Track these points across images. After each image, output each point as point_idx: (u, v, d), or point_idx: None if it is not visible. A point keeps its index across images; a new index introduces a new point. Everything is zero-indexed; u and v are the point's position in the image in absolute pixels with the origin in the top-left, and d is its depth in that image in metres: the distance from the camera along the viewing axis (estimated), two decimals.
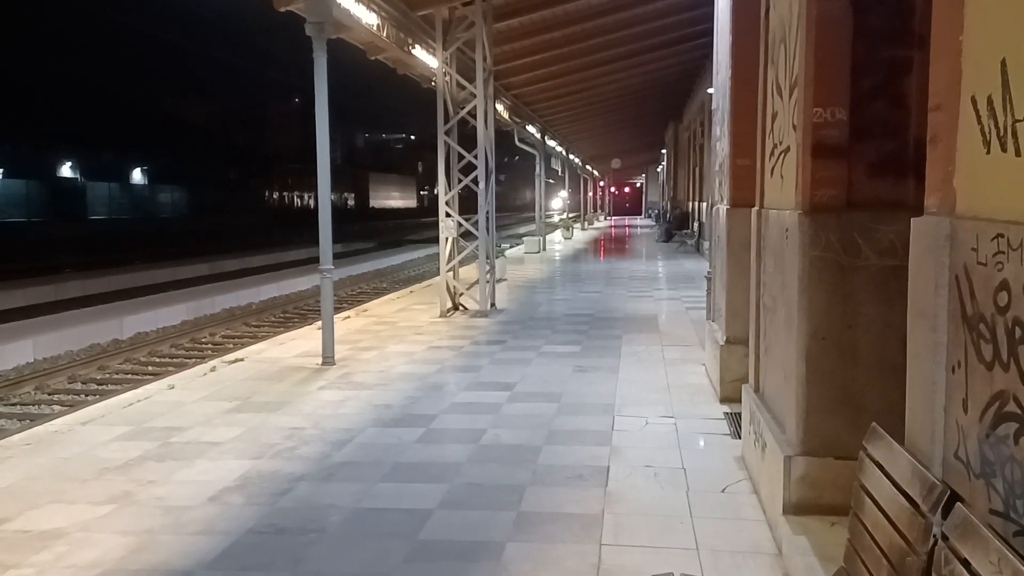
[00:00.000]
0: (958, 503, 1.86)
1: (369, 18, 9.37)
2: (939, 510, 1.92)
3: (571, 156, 37.45)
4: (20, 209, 40.41)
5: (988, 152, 1.93)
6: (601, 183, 62.27)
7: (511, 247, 27.00)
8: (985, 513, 1.89)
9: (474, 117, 11.47)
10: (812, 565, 3.21)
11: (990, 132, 1.92)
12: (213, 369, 8.03)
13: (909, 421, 2.41)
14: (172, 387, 7.26)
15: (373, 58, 11.20)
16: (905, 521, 2.05)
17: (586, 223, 43.59)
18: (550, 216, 32.63)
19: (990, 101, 1.92)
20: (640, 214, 65.18)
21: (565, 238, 32.12)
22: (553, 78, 17.67)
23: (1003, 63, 1.86)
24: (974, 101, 2.00)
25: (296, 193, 70.12)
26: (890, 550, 2.10)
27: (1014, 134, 1.81)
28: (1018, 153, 1.80)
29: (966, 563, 1.71)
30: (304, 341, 9.47)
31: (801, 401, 3.70)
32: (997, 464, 1.87)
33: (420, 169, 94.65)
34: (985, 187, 1.97)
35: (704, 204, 22.00)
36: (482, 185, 11.40)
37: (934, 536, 1.90)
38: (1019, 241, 1.77)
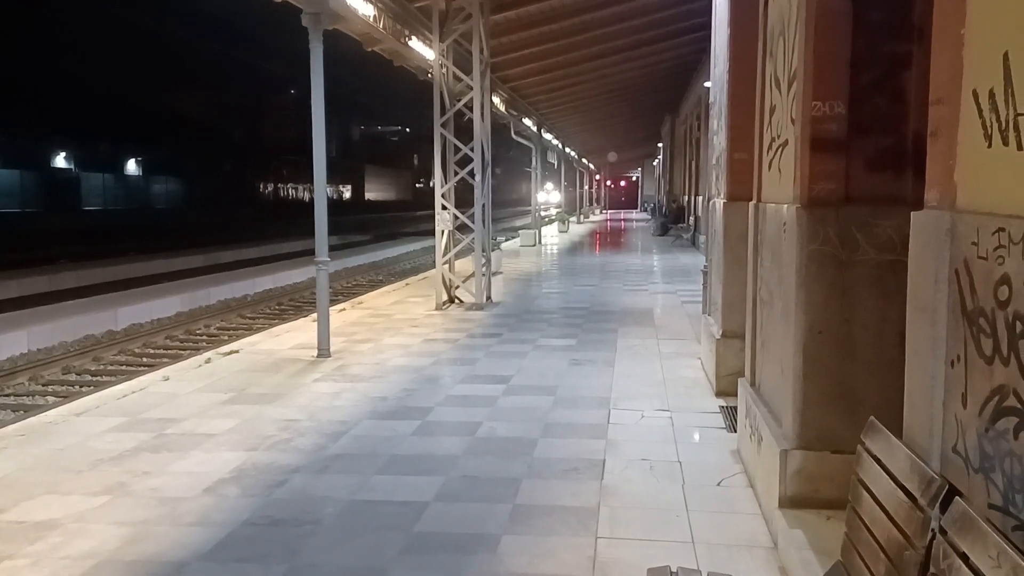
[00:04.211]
0: (957, 497, 1.85)
1: (365, 9, 9.33)
2: (938, 504, 1.91)
3: (567, 149, 37.43)
4: (14, 199, 40.22)
5: (989, 146, 1.92)
6: (597, 177, 62.22)
7: (507, 240, 26.97)
8: (984, 507, 1.89)
9: (470, 109, 11.44)
10: (808, 559, 3.21)
11: (992, 126, 1.91)
12: (208, 361, 8.01)
13: (907, 415, 2.40)
14: (167, 379, 7.23)
15: (369, 49, 11.15)
16: (903, 515, 2.04)
17: (581, 216, 43.56)
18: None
19: (992, 95, 1.91)
20: (636, 208, 65.23)
21: (561, 232, 32.11)
22: (550, 71, 17.63)
23: (1005, 56, 1.86)
24: (976, 95, 1.99)
25: (291, 185, 69.85)
26: (888, 544, 2.10)
27: (1016, 128, 1.81)
28: (1020, 147, 1.79)
29: (964, 557, 1.70)
30: (299, 333, 9.45)
31: (798, 395, 3.70)
32: (996, 458, 1.86)
33: (416, 162, 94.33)
34: (986, 181, 1.96)
35: (700, 198, 22.02)
36: (478, 178, 11.38)
37: (932, 530, 1.89)
38: (1020, 235, 1.76)
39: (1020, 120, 1.79)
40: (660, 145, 42.26)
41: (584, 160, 47.53)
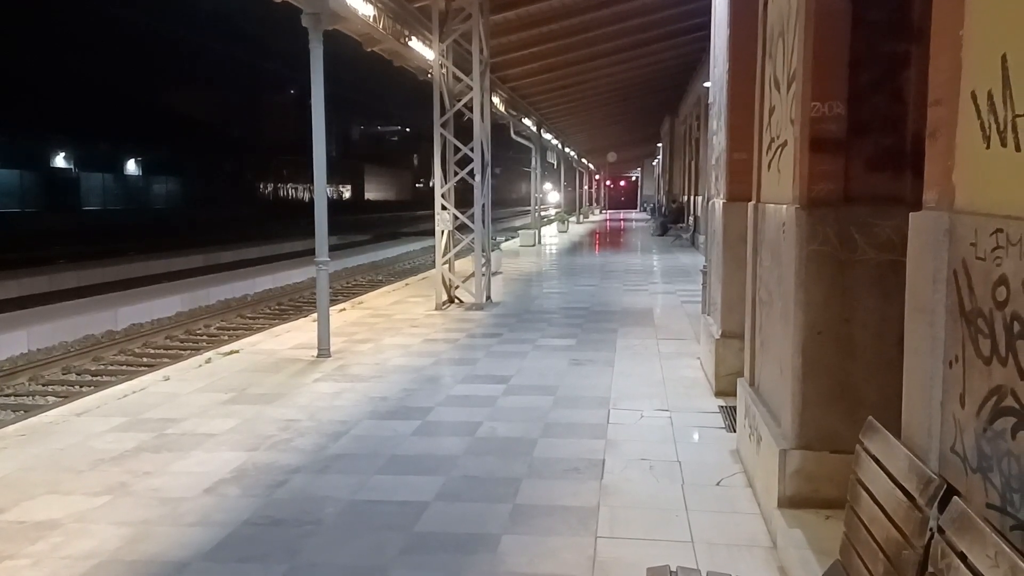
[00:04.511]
0: (955, 497, 1.86)
1: (365, 9, 9.33)
2: (936, 504, 1.92)
3: (567, 149, 37.43)
4: (14, 199, 40.24)
5: (988, 147, 1.93)
6: (596, 176, 62.23)
7: (507, 240, 26.98)
8: (982, 507, 1.90)
9: (470, 110, 11.45)
10: (807, 558, 3.22)
11: (990, 127, 1.92)
12: (208, 361, 8.02)
13: (906, 415, 2.41)
14: (167, 378, 7.24)
15: (369, 50, 11.15)
16: (902, 515, 2.05)
17: (581, 216, 43.56)
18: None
19: (990, 96, 1.92)
20: (635, 208, 65.25)
21: (560, 232, 32.12)
22: (550, 71, 17.63)
23: (1003, 58, 1.86)
24: (974, 96, 2.00)
25: (291, 185, 69.87)
26: (886, 544, 2.11)
27: (1014, 129, 1.81)
28: (1018, 148, 1.80)
29: (963, 556, 1.71)
30: (299, 333, 9.45)
31: (797, 395, 3.71)
32: (994, 458, 1.87)
33: (416, 162, 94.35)
34: (984, 182, 1.97)
35: (700, 198, 22.02)
36: (478, 178, 11.39)
37: (931, 530, 1.90)
38: (1018, 236, 1.77)
39: (1018, 121, 1.80)
40: (660, 145, 42.26)
41: (584, 160, 47.53)
